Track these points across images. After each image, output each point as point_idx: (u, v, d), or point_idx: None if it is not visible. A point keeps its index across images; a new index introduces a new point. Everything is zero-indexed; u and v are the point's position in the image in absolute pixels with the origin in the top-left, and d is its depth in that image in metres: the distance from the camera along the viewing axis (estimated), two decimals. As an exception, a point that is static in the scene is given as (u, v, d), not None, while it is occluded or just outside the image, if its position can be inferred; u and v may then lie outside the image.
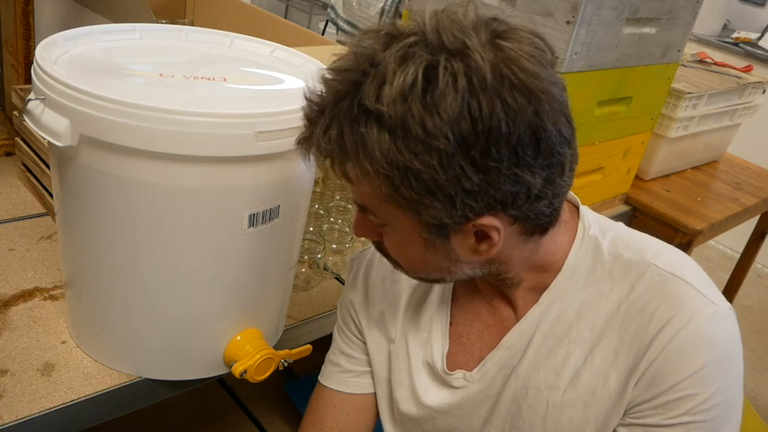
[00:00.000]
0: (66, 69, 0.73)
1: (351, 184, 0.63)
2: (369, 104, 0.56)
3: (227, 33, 0.92)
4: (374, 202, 0.63)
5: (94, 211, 0.74)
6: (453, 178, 0.56)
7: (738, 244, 2.27)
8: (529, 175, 0.58)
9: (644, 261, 0.70)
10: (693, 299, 0.66)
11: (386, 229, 0.67)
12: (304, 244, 1.04)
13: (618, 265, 0.70)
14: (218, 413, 1.40)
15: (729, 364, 0.66)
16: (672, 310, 0.66)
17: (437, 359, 0.79)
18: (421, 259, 0.68)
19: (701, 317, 0.65)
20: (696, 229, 1.57)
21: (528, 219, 0.63)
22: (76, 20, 1.52)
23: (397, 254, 0.70)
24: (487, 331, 0.77)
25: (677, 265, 0.69)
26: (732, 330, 0.67)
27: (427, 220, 0.61)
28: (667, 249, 0.73)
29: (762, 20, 3.59)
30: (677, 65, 1.47)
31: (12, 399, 0.76)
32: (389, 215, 0.64)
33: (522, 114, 0.56)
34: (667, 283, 0.68)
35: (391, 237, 0.68)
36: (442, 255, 0.66)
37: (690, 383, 0.65)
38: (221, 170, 0.71)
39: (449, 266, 0.68)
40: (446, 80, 0.54)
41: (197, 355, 0.84)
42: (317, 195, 1.24)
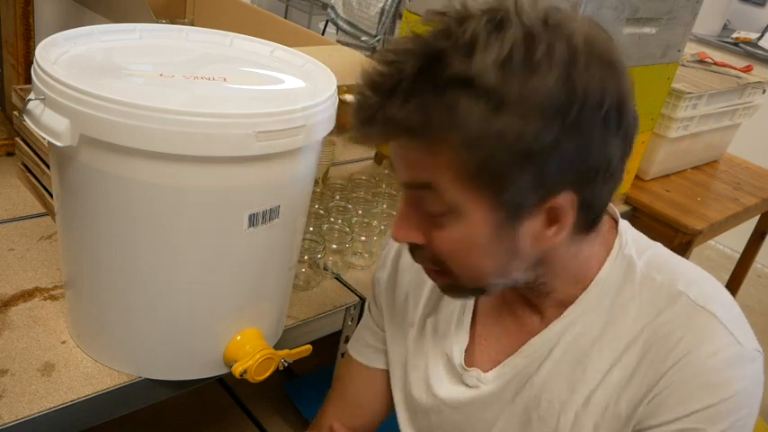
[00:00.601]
0: (67, 69, 0.73)
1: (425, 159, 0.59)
2: (459, 72, 0.55)
3: (227, 33, 0.92)
4: (448, 181, 0.59)
5: (94, 211, 0.74)
6: (549, 146, 0.56)
7: (738, 244, 2.27)
8: (614, 143, 0.60)
9: (676, 289, 0.68)
10: (719, 335, 0.65)
11: (446, 220, 0.62)
12: (304, 244, 1.04)
13: (648, 288, 0.69)
14: (218, 413, 1.40)
15: (743, 408, 0.65)
16: (695, 342, 0.65)
17: (456, 353, 0.79)
18: (480, 256, 0.64)
19: (722, 354, 0.64)
20: (696, 229, 1.57)
21: (591, 206, 0.63)
22: (76, 20, 1.52)
23: (452, 252, 0.64)
24: (507, 337, 0.77)
25: (709, 298, 0.68)
26: (752, 374, 0.65)
27: (506, 200, 0.59)
28: (702, 279, 0.71)
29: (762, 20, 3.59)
30: (677, 65, 1.47)
31: (12, 399, 0.76)
32: (462, 198, 0.60)
33: (610, 83, 0.58)
34: (696, 315, 0.66)
35: (451, 230, 0.62)
36: (505, 248, 0.63)
37: (696, 418, 0.64)
38: (221, 170, 0.71)
39: (503, 266, 0.65)
40: (544, 50, 0.55)
41: (197, 355, 0.84)
42: (316, 195, 1.24)
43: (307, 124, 0.73)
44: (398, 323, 0.87)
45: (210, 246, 0.75)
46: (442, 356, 0.81)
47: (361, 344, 0.92)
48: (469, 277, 0.67)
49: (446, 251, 0.64)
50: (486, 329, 0.79)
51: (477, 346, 0.79)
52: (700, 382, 0.64)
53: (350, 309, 1.07)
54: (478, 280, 0.67)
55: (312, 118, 0.74)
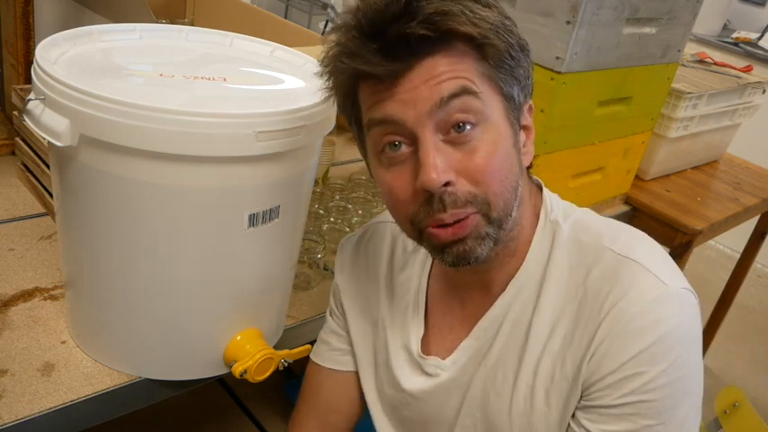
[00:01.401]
0: (67, 69, 0.73)
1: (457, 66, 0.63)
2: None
3: (227, 33, 0.92)
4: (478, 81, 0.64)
5: (94, 211, 0.74)
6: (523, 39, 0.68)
7: (738, 244, 2.27)
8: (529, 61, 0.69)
9: (601, 245, 0.71)
10: (644, 280, 0.67)
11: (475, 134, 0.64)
12: (304, 244, 1.04)
13: (576, 250, 0.72)
14: (218, 413, 1.40)
15: (680, 343, 0.66)
16: (621, 291, 0.67)
17: (413, 343, 0.81)
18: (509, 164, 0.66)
19: (648, 296, 0.66)
20: (696, 229, 1.57)
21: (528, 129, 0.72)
22: (76, 20, 1.52)
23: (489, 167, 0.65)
24: (459, 323, 0.79)
25: (632, 247, 0.70)
26: (682, 310, 0.67)
27: (509, 92, 0.67)
28: (625, 231, 0.74)
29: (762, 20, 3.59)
30: (677, 65, 1.47)
31: (12, 399, 0.76)
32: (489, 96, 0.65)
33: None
34: (621, 266, 0.69)
35: (483, 141, 0.64)
36: (516, 156, 0.69)
37: (635, 363, 0.65)
38: (221, 170, 0.71)
39: (518, 181, 0.68)
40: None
41: (197, 355, 0.84)
42: (316, 195, 1.24)
43: (307, 124, 0.73)
44: (362, 324, 0.87)
45: (210, 246, 0.75)
46: (403, 349, 0.82)
47: (327, 349, 0.91)
48: (502, 197, 0.66)
49: (484, 166, 0.64)
50: (438, 319, 0.81)
51: (432, 336, 0.81)
52: (631, 327, 0.66)
53: (350, 309, 1.07)
54: (507, 202, 0.67)
55: (312, 118, 0.74)
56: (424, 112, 0.63)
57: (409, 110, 0.63)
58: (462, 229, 0.65)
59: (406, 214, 0.67)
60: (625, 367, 0.66)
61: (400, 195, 0.66)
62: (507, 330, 0.74)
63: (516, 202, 0.68)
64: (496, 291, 0.75)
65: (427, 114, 0.63)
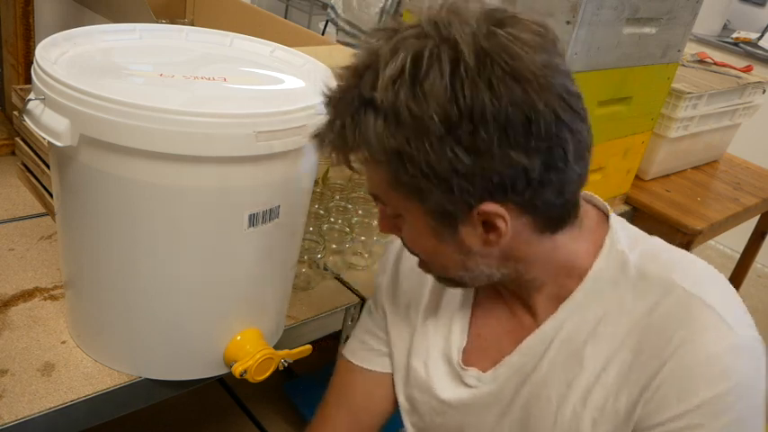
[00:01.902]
0: (67, 69, 0.73)
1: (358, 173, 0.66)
2: (365, 94, 0.59)
3: (227, 33, 0.92)
4: (382, 191, 0.65)
5: (94, 211, 0.74)
6: (445, 161, 0.58)
7: (738, 244, 2.27)
8: (524, 157, 0.58)
9: (670, 280, 0.67)
10: (714, 325, 0.64)
11: (400, 221, 0.68)
12: (304, 244, 1.04)
13: (643, 282, 0.68)
14: (218, 413, 1.40)
15: (745, 398, 0.63)
16: (689, 335, 0.64)
17: (454, 352, 0.79)
18: (434, 251, 0.68)
19: (718, 345, 0.63)
20: (696, 229, 1.57)
21: (537, 209, 0.63)
22: (76, 20, 1.52)
23: (414, 246, 0.71)
24: (506, 336, 0.77)
25: (704, 287, 0.67)
26: (751, 363, 0.64)
27: (431, 207, 0.62)
28: (697, 268, 0.70)
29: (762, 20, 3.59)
30: (677, 65, 1.47)
31: (12, 399, 0.76)
32: (398, 204, 0.65)
33: (508, 93, 0.56)
34: (691, 307, 0.65)
35: (406, 228, 0.69)
36: (454, 247, 0.66)
37: (696, 414, 0.63)
38: (221, 170, 0.71)
39: (464, 260, 0.67)
40: (432, 66, 0.56)
41: (197, 355, 0.84)
42: (317, 195, 1.24)
43: (307, 124, 0.73)
44: (401, 327, 0.87)
45: (210, 246, 0.75)
46: (442, 357, 0.81)
47: (362, 348, 0.91)
48: (435, 268, 0.72)
49: (410, 244, 0.71)
50: (484, 330, 0.79)
51: (475, 346, 0.79)
52: (695, 375, 0.63)
53: (350, 309, 1.07)
54: (445, 271, 0.71)
55: (312, 118, 0.74)
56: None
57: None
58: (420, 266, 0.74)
59: None
60: (685, 417, 0.63)
61: None
62: (555, 352, 0.71)
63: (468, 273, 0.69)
64: (544, 311, 0.73)
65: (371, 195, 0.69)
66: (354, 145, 0.61)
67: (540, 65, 0.57)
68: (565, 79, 0.60)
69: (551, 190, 0.62)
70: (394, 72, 0.57)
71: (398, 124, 0.57)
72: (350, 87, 0.60)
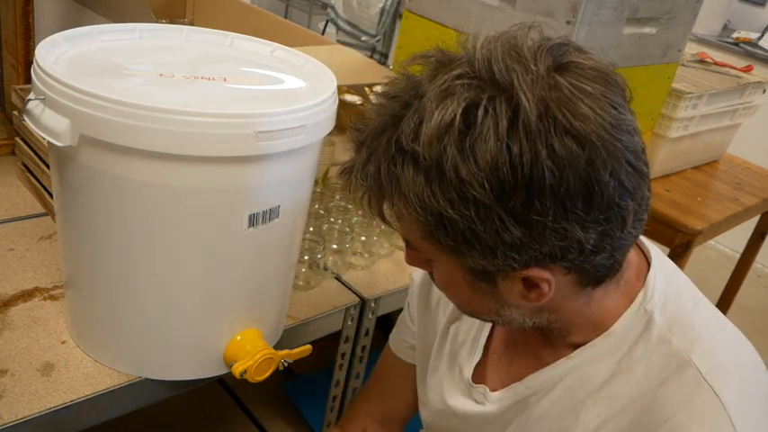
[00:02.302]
0: (66, 69, 0.73)
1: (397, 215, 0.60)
2: (405, 143, 0.53)
3: (227, 33, 0.92)
4: (416, 241, 0.60)
5: (94, 211, 0.74)
6: (492, 230, 0.52)
7: (738, 244, 2.27)
8: (579, 229, 0.53)
9: (688, 358, 0.62)
10: (714, 422, 0.58)
11: (432, 264, 0.65)
12: (304, 244, 1.04)
13: (661, 352, 0.64)
14: (218, 413, 1.40)
15: None
16: (686, 422, 0.59)
17: (467, 368, 0.79)
18: (468, 299, 0.65)
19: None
20: (696, 229, 1.57)
21: (584, 271, 0.58)
22: (76, 20, 1.52)
23: (446, 291, 0.68)
24: (518, 361, 0.76)
25: (721, 375, 0.61)
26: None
27: (470, 265, 0.58)
28: (726, 348, 0.65)
29: (762, 20, 3.59)
30: (677, 65, 1.47)
31: (12, 399, 0.76)
32: (432, 254, 0.61)
33: (571, 163, 0.50)
34: (699, 394, 0.60)
35: (438, 274, 0.65)
36: (490, 297, 0.62)
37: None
38: (221, 170, 0.71)
39: (498, 309, 0.64)
40: (486, 123, 0.50)
41: (197, 356, 0.84)
42: (317, 195, 1.24)
43: (307, 124, 0.73)
44: (427, 325, 0.88)
45: (210, 246, 0.75)
46: (457, 366, 0.81)
47: (399, 339, 0.95)
48: (467, 311, 0.70)
49: (441, 288, 0.68)
50: (500, 348, 0.79)
51: (489, 363, 0.79)
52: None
53: (350, 309, 1.07)
54: (476, 315, 0.69)
55: (312, 118, 0.74)
56: None
57: None
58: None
59: None
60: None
61: None
62: (559, 395, 0.69)
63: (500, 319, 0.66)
64: (562, 351, 0.70)
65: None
66: (389, 195, 0.56)
67: (608, 126, 0.52)
68: (632, 137, 0.54)
69: (604, 256, 0.57)
70: (441, 125, 0.51)
71: (442, 184, 0.52)
72: (387, 128, 0.55)
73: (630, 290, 0.66)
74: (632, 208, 0.55)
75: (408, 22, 1.43)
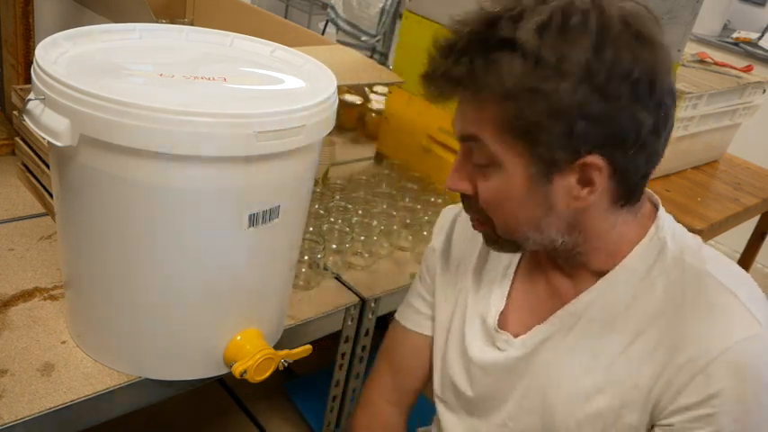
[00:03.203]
0: (66, 69, 0.73)
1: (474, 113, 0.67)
2: (505, 35, 0.62)
3: (227, 33, 0.92)
4: (491, 135, 0.66)
5: (94, 210, 0.74)
6: (576, 103, 0.61)
7: (738, 244, 2.27)
8: (643, 112, 0.63)
9: (704, 270, 0.70)
10: (741, 318, 0.66)
11: (490, 171, 0.69)
12: (304, 244, 1.04)
13: (677, 268, 0.71)
14: (218, 413, 1.40)
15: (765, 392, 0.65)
16: (716, 324, 0.66)
17: (491, 316, 0.82)
18: (517, 207, 0.69)
19: (742, 336, 0.65)
20: (696, 229, 1.57)
21: (625, 175, 0.67)
22: (76, 20, 1.52)
23: (492, 201, 0.71)
24: (539, 306, 0.80)
25: (736, 282, 0.69)
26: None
27: (540, 153, 0.65)
28: (732, 267, 0.73)
29: (762, 20, 3.59)
30: (677, 65, 1.47)
31: (12, 399, 0.76)
32: (501, 151, 0.66)
33: (642, 56, 0.62)
34: (721, 297, 0.68)
35: (492, 181, 0.69)
36: (539, 202, 0.68)
37: (721, 400, 0.65)
38: (221, 170, 0.71)
39: (539, 220, 0.69)
40: (578, 20, 0.61)
41: (197, 355, 0.84)
42: (317, 195, 1.24)
43: (307, 124, 0.73)
44: (447, 290, 0.90)
45: (210, 246, 0.75)
46: (479, 317, 0.84)
47: (410, 310, 0.96)
48: (505, 227, 0.72)
49: (487, 200, 0.71)
50: (521, 295, 0.82)
51: (511, 311, 0.82)
52: (720, 365, 0.65)
53: (350, 309, 1.07)
54: (513, 231, 0.72)
55: (312, 118, 0.74)
56: (456, 133, 0.72)
57: (454, 128, 0.72)
58: (477, 227, 0.76)
59: None
60: (710, 403, 0.65)
61: None
62: (585, 324, 0.75)
63: (539, 234, 0.71)
64: (582, 286, 0.76)
65: (457, 136, 0.72)
66: (483, 80, 0.63)
67: (662, 38, 0.65)
68: (670, 57, 0.67)
69: (645, 156, 0.66)
70: (541, 20, 0.61)
71: (538, 64, 0.61)
72: (481, 29, 0.63)
73: (644, 222, 0.74)
74: (671, 109, 0.67)
75: (408, 22, 1.43)
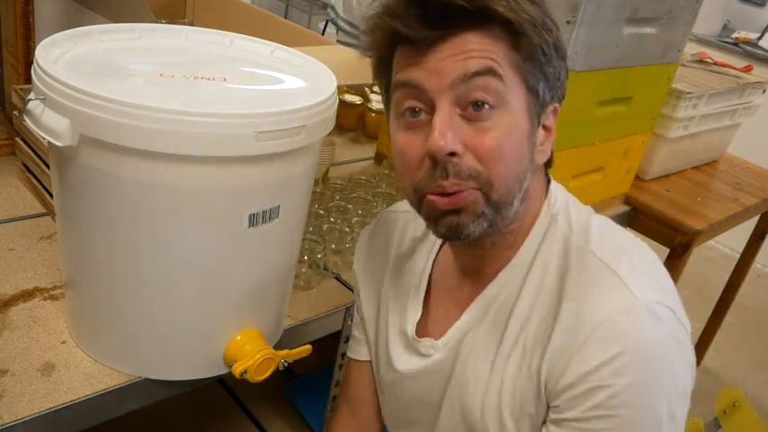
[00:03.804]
0: (66, 69, 0.73)
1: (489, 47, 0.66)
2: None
3: (227, 33, 0.92)
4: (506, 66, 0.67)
5: (94, 210, 0.74)
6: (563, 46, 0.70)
7: (738, 244, 2.27)
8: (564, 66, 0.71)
9: (586, 247, 0.71)
10: (616, 292, 0.66)
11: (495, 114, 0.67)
12: (304, 244, 1.04)
13: (562, 247, 0.73)
14: (218, 413, 1.40)
15: (647, 359, 0.64)
16: (587, 298, 0.67)
17: (409, 325, 0.84)
18: (519, 153, 0.68)
19: (613, 307, 0.65)
20: (696, 229, 1.57)
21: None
22: (76, 20, 1.52)
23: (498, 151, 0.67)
24: (453, 308, 0.81)
25: (616, 256, 0.70)
26: (650, 324, 0.64)
27: (541, 90, 0.69)
28: (618, 240, 0.74)
29: (762, 20, 3.59)
30: (677, 65, 1.47)
31: (12, 399, 0.76)
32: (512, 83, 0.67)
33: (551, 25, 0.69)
34: (597, 272, 0.68)
35: (499, 123, 0.67)
36: (529, 149, 0.70)
37: (599, 375, 0.64)
38: (221, 170, 0.71)
39: (525, 168, 0.70)
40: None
41: (197, 355, 0.84)
42: (317, 195, 1.24)
43: (307, 124, 0.73)
44: (372, 308, 0.92)
45: (211, 246, 0.75)
46: (400, 331, 0.85)
47: (353, 341, 0.98)
48: (505, 184, 0.68)
49: (493, 148, 0.67)
50: (436, 303, 0.84)
51: (429, 320, 0.84)
52: (593, 338, 0.65)
53: (350, 309, 1.07)
54: (511, 189, 0.69)
55: (312, 118, 0.74)
56: (447, 83, 0.66)
57: (433, 79, 0.66)
58: (460, 199, 0.67)
59: (412, 180, 0.70)
60: (587, 379, 0.65)
61: (410, 160, 0.69)
62: (492, 318, 0.76)
63: (520, 193, 0.70)
64: (488, 279, 0.77)
65: (449, 86, 0.66)
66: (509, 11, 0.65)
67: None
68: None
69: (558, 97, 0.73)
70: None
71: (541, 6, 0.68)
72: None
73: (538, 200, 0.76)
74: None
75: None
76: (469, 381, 0.77)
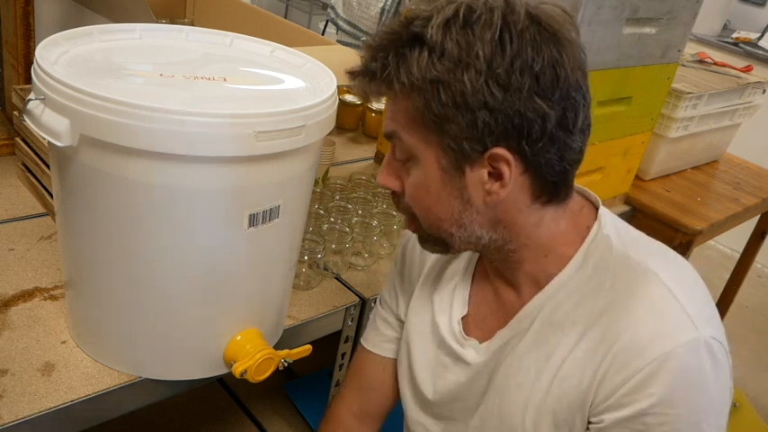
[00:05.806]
0: (66, 69, 0.73)
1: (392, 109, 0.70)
2: (415, 30, 0.65)
3: (227, 33, 0.92)
4: (403, 125, 0.70)
5: (94, 211, 0.74)
6: (479, 94, 0.63)
7: (738, 244, 2.27)
8: (546, 105, 0.64)
9: (648, 269, 0.71)
10: (679, 322, 0.67)
11: (409, 167, 0.72)
12: (304, 244, 1.04)
13: (622, 265, 0.72)
14: (218, 413, 1.40)
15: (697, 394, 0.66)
16: (653, 327, 0.67)
17: (455, 323, 0.84)
18: (436, 201, 0.71)
19: (678, 341, 0.66)
20: (696, 229, 1.57)
21: (538, 169, 0.68)
22: (76, 20, 1.52)
23: (413, 196, 0.73)
24: (492, 314, 0.82)
25: (678, 282, 0.70)
26: (705, 360, 0.66)
27: (448, 143, 0.67)
28: (676, 263, 0.75)
29: (762, 20, 3.59)
30: (677, 65, 1.47)
31: (12, 399, 0.77)
32: (415, 140, 0.69)
33: (547, 50, 0.64)
34: (663, 300, 0.69)
35: (412, 176, 0.72)
36: (456, 195, 0.70)
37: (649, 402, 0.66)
38: (221, 170, 0.71)
39: (461, 214, 0.71)
40: (483, 14, 0.63)
41: (197, 355, 0.84)
42: (317, 195, 1.24)
43: (307, 124, 0.73)
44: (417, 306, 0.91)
45: (211, 246, 0.75)
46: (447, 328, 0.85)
47: (375, 334, 0.97)
48: (428, 223, 0.74)
49: (410, 195, 0.74)
50: (476, 308, 0.84)
51: (472, 319, 0.84)
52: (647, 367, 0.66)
53: (350, 309, 1.07)
54: (437, 227, 0.74)
55: (312, 118, 0.74)
56: (383, 133, 0.75)
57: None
58: (409, 226, 0.78)
59: None
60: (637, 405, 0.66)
61: None
62: (538, 327, 0.76)
63: (460, 230, 0.73)
64: (528, 290, 0.77)
65: (384, 136, 0.74)
66: (395, 72, 0.66)
67: (570, 36, 0.66)
68: (584, 56, 0.68)
69: (556, 150, 0.67)
70: (448, 15, 0.64)
71: (443, 56, 0.64)
72: (398, 30, 0.67)
73: (579, 221, 0.76)
74: (582, 110, 0.68)
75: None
76: (512, 385, 0.77)
